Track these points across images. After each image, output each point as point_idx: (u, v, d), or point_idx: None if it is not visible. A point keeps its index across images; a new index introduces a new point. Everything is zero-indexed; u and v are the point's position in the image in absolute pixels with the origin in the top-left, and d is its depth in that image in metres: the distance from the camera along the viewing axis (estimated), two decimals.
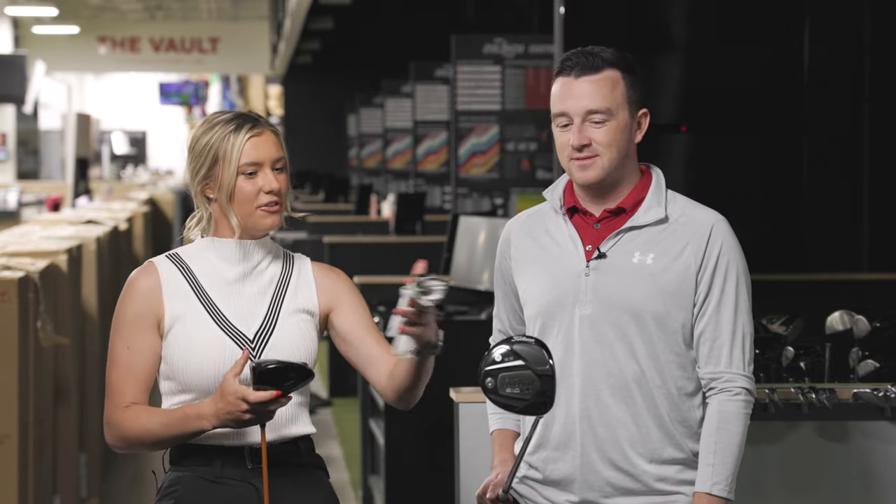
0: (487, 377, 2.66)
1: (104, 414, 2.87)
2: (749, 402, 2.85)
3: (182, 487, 2.82)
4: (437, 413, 4.43)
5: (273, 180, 2.81)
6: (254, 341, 2.80)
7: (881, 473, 3.58)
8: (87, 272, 6.49)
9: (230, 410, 2.68)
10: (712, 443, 2.82)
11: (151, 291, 2.83)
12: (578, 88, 2.82)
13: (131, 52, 20.33)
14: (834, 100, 6.09)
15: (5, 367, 4.56)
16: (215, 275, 2.85)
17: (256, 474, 2.79)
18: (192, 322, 2.81)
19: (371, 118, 15.73)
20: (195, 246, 2.89)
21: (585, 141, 2.82)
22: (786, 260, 6.01)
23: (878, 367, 3.85)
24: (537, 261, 2.91)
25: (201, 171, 2.83)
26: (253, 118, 2.85)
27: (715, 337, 2.84)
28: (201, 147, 2.83)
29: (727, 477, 2.81)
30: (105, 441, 2.93)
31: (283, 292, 2.87)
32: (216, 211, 2.85)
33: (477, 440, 3.56)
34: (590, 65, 2.82)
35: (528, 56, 9.15)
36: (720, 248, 2.84)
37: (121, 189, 17.58)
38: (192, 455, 2.82)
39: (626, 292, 2.82)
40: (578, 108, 2.82)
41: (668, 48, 5.96)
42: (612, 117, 2.82)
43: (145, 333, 2.82)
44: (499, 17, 11.34)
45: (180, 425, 2.75)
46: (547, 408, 2.66)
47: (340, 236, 9.55)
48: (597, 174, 2.83)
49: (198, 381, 2.79)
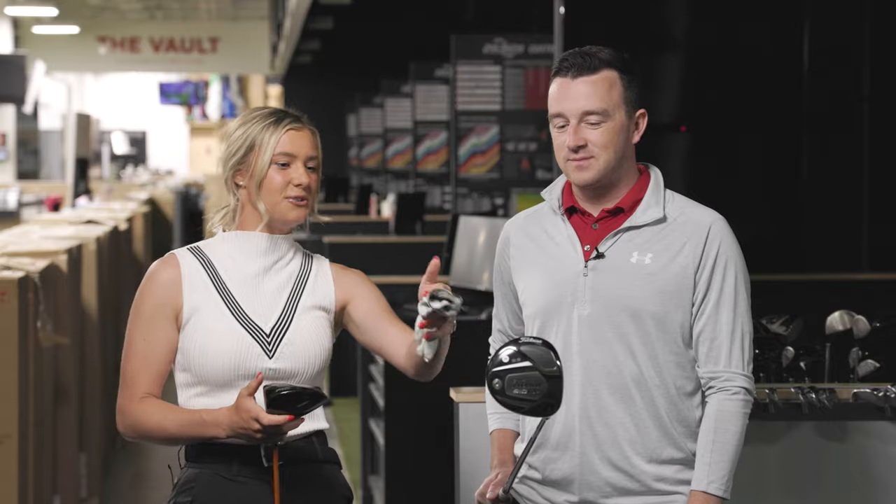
0: (495, 378, 2.66)
1: (118, 402, 2.88)
2: (748, 402, 2.85)
3: (198, 485, 2.84)
4: (437, 413, 4.44)
5: (304, 175, 2.85)
6: (270, 336, 2.83)
7: (881, 473, 3.58)
8: (87, 272, 6.49)
9: (243, 427, 2.71)
10: (710, 441, 2.82)
11: (171, 283, 2.85)
12: (575, 89, 2.82)
13: (131, 52, 20.32)
14: (834, 99, 6.09)
15: (5, 367, 4.56)
16: (235, 268, 2.88)
17: (271, 472, 2.82)
18: (211, 314, 2.83)
19: (371, 118, 15.73)
20: (217, 239, 2.92)
21: (581, 142, 2.82)
22: (786, 260, 6.01)
23: (878, 367, 3.85)
24: (536, 261, 2.91)
25: (235, 157, 2.87)
26: (295, 115, 2.91)
27: (714, 336, 2.84)
28: (239, 134, 2.87)
29: (723, 476, 2.81)
30: (105, 441, 2.94)
31: (301, 289, 2.90)
32: (244, 198, 2.88)
33: (477, 440, 3.56)
34: (586, 65, 2.82)
35: (528, 56, 9.15)
36: (718, 247, 2.84)
37: (121, 189, 17.58)
38: (209, 452, 2.84)
39: (625, 292, 2.82)
40: (574, 109, 2.82)
41: (668, 48, 5.96)
42: (608, 118, 2.82)
43: (163, 325, 2.84)
44: (499, 17, 11.34)
45: (196, 429, 2.78)
46: (554, 409, 2.66)
47: (340, 236, 9.55)
48: (593, 175, 2.83)
49: (213, 373, 2.81)
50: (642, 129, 2.89)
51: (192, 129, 28.18)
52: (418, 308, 2.64)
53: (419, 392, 5.71)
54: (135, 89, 28.49)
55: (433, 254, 2.85)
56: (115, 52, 20.27)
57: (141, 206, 12.13)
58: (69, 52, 19.93)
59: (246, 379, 2.80)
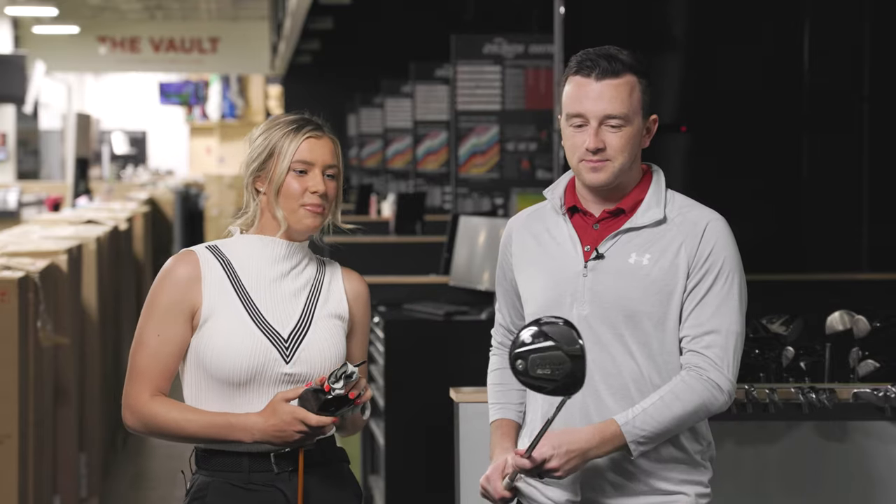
0: (518, 359, 2.67)
1: (125, 395, 2.87)
2: (714, 393, 2.78)
3: (210, 493, 2.85)
4: (437, 413, 4.44)
5: (321, 183, 2.87)
6: (288, 341, 2.85)
7: (881, 473, 3.59)
8: (87, 272, 6.49)
9: (284, 429, 2.73)
10: (656, 397, 2.77)
11: (191, 281, 2.86)
12: (598, 91, 2.82)
13: (131, 52, 20.31)
14: (834, 100, 6.09)
15: (5, 367, 4.56)
16: (254, 271, 2.89)
17: (283, 479, 2.84)
18: (229, 317, 2.84)
19: (371, 118, 15.73)
20: (235, 240, 2.93)
21: (601, 145, 2.82)
22: (786, 260, 6.01)
23: (878, 367, 3.85)
24: (537, 260, 2.92)
25: (255, 163, 2.89)
26: (316, 123, 2.92)
27: (697, 335, 2.82)
28: (261, 140, 2.90)
29: (645, 431, 2.76)
30: (105, 441, 2.94)
31: (317, 296, 2.93)
32: (263, 204, 2.91)
33: (477, 440, 3.56)
34: (611, 69, 2.82)
35: (528, 56, 9.15)
36: (713, 247, 2.83)
37: (121, 189, 17.58)
38: (219, 459, 2.86)
39: (622, 293, 2.82)
40: (597, 111, 2.82)
41: (668, 48, 5.96)
42: (628, 123, 2.83)
43: (178, 323, 2.85)
44: (499, 17, 11.34)
45: (221, 432, 2.79)
46: (577, 388, 2.66)
47: (340, 236, 9.53)
48: (607, 177, 2.84)
49: (229, 375, 2.82)
50: (653, 133, 2.90)
51: (192, 129, 28.18)
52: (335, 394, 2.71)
53: (419, 392, 5.73)
54: (135, 89, 28.48)
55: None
56: (115, 52, 20.26)
57: (141, 206, 12.12)
58: (69, 52, 19.92)
59: (260, 382, 2.82)
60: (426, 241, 8.62)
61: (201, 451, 2.88)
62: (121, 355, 7.81)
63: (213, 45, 20.44)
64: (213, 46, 20.45)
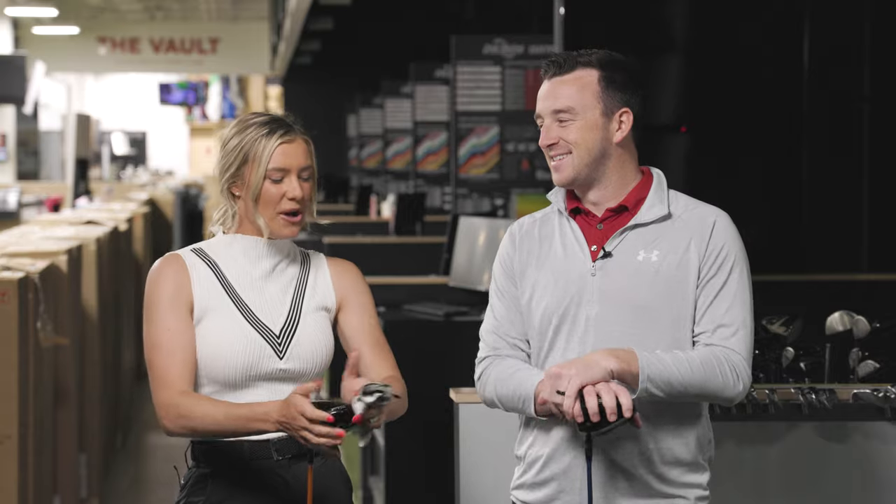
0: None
1: (157, 399, 2.83)
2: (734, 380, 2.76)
3: (210, 484, 2.86)
4: (437, 413, 4.44)
5: (297, 188, 2.87)
6: (280, 337, 2.87)
7: (881, 473, 3.58)
8: (86, 273, 6.49)
9: (289, 421, 2.68)
10: (681, 356, 2.74)
11: (181, 278, 2.87)
12: (547, 89, 2.89)
13: (131, 52, 20.32)
14: (833, 100, 6.08)
15: (5, 367, 4.56)
16: (241, 270, 2.91)
17: (282, 465, 2.86)
18: (222, 316, 2.86)
19: (371, 118, 15.72)
20: (218, 240, 2.95)
21: (552, 140, 2.87)
22: (786, 260, 6.00)
23: (878, 368, 3.85)
24: (543, 264, 2.91)
25: (230, 170, 2.89)
26: (287, 124, 2.91)
27: (716, 327, 2.81)
28: (233, 146, 2.89)
29: (663, 377, 2.70)
30: (105, 441, 2.94)
31: (304, 290, 2.94)
32: (241, 209, 2.91)
33: (477, 440, 3.56)
34: (560, 66, 2.87)
35: (528, 56, 9.14)
36: (724, 242, 2.83)
37: (121, 189, 17.58)
38: (217, 451, 2.87)
39: (632, 290, 2.82)
40: (545, 108, 2.89)
41: (668, 48, 5.96)
42: (577, 116, 2.85)
43: (182, 314, 2.85)
44: (499, 17, 11.33)
45: (244, 423, 2.76)
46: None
47: (340, 237, 9.54)
48: (568, 174, 2.86)
49: (224, 374, 2.83)
50: (626, 128, 2.86)
51: (192, 129, 28.18)
52: (354, 407, 2.66)
53: (419, 393, 5.72)
54: (135, 90, 28.48)
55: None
56: (115, 52, 20.27)
57: (141, 207, 12.13)
58: (69, 53, 19.93)
59: (257, 380, 2.84)
60: (426, 242, 8.62)
61: (197, 445, 2.89)
62: (121, 355, 7.81)
63: (213, 45, 20.46)
64: (213, 47, 20.46)
